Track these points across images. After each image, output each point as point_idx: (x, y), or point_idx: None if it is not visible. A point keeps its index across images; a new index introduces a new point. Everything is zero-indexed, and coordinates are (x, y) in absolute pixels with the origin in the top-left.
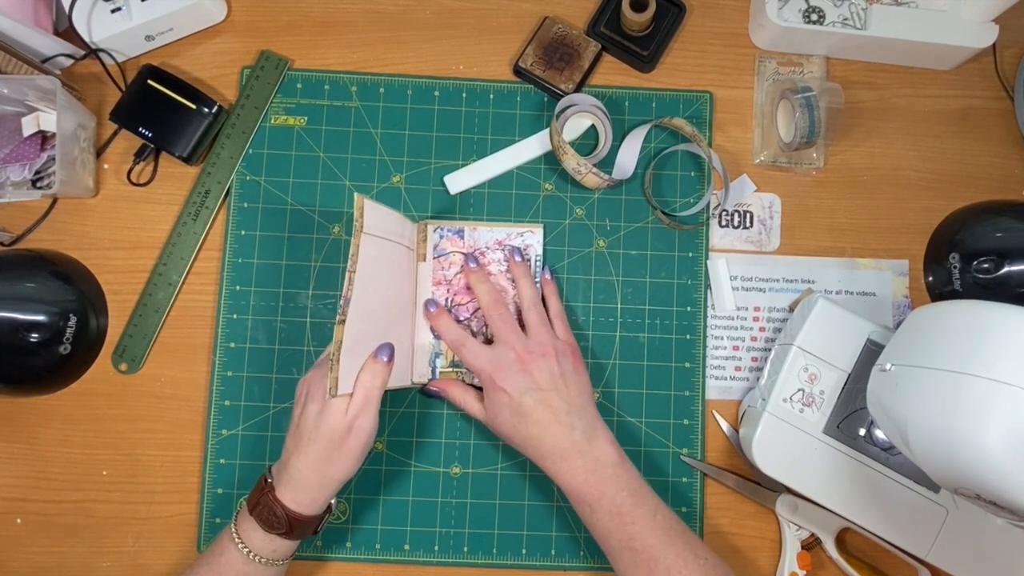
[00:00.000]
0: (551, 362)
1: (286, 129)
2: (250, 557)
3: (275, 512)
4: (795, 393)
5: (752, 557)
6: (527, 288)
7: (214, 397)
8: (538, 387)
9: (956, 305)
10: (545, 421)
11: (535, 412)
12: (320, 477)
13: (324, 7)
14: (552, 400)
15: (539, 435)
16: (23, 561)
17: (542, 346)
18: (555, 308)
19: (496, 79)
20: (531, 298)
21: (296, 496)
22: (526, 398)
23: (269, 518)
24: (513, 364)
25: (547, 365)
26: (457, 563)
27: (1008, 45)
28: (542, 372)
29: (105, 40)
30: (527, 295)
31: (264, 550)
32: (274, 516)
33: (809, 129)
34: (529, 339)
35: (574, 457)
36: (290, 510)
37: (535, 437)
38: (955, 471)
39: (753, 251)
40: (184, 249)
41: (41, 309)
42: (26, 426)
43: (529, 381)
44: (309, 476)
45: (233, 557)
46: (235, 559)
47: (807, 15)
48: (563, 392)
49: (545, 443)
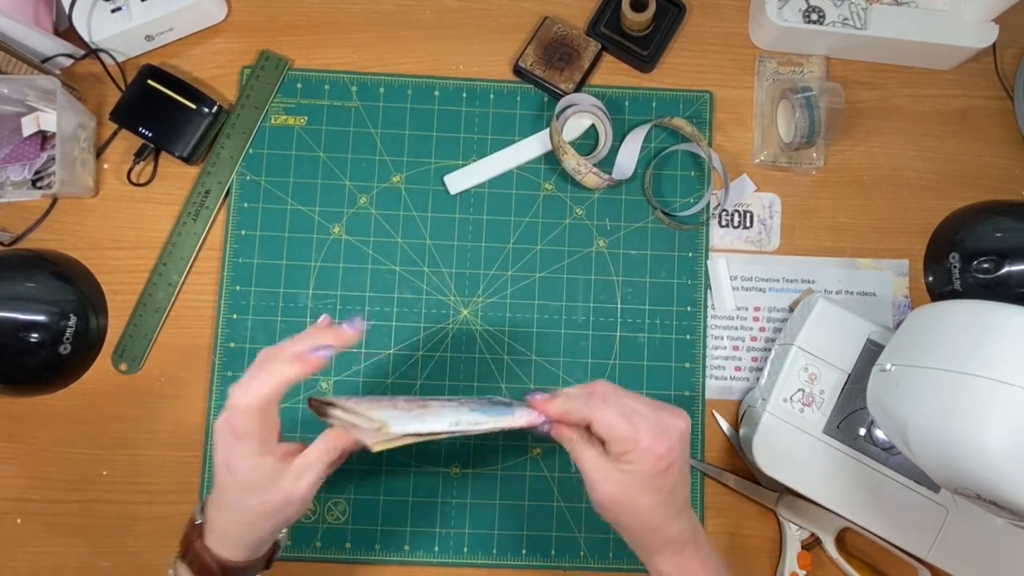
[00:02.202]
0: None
1: (286, 129)
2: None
3: (205, 562)
4: (795, 393)
5: (752, 557)
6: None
7: (214, 397)
8: (686, 458)
9: (956, 305)
10: (682, 500)
11: (680, 490)
12: (251, 535)
13: (324, 7)
14: (687, 476)
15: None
16: (23, 561)
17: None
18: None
19: (496, 79)
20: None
21: (226, 545)
22: (681, 474)
23: (201, 568)
24: (672, 431)
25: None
26: (457, 563)
27: (1008, 45)
28: (686, 437)
29: (105, 40)
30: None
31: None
32: (205, 566)
33: (809, 129)
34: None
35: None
36: (222, 559)
37: (669, 518)
38: (955, 471)
39: (753, 251)
40: (184, 249)
41: (41, 309)
42: (26, 426)
43: (684, 448)
44: (238, 533)
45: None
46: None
47: (807, 15)
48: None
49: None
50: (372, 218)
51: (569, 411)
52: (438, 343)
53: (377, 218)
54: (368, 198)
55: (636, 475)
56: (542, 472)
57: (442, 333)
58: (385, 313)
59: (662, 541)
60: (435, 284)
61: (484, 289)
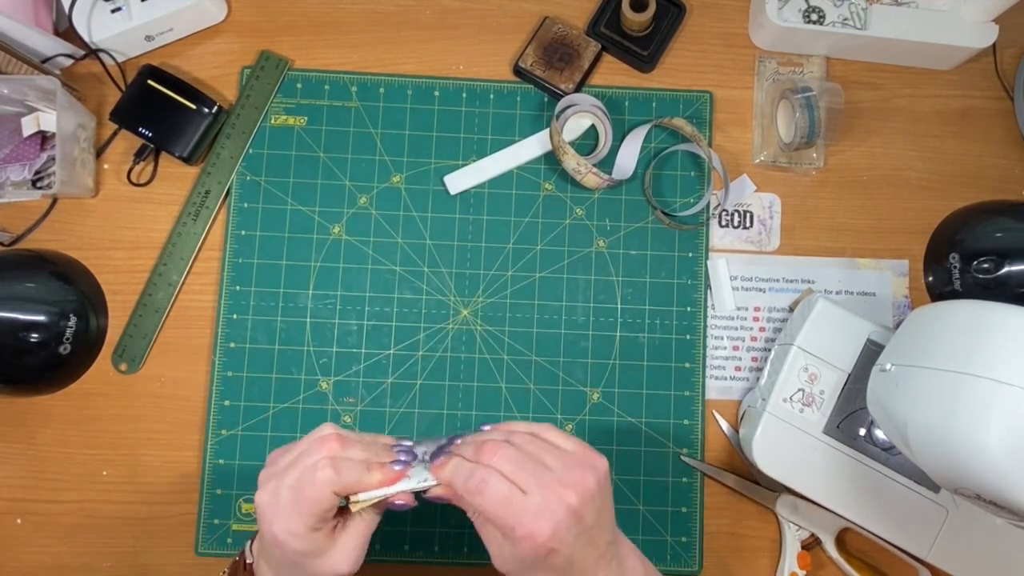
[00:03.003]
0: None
1: (286, 129)
2: None
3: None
4: (795, 393)
5: (752, 557)
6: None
7: (214, 397)
8: (584, 526)
9: (956, 305)
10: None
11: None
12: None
13: (324, 7)
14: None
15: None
16: (23, 561)
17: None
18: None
19: (496, 79)
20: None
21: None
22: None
23: None
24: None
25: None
26: (457, 563)
27: (1008, 45)
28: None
29: (105, 40)
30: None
31: None
32: None
33: (809, 129)
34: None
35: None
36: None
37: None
38: (955, 471)
39: (753, 251)
40: (184, 249)
41: (41, 309)
42: (26, 426)
43: (575, 523)
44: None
45: None
46: None
47: (807, 15)
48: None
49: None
50: (372, 218)
51: (453, 481)
52: (438, 343)
53: (377, 218)
54: (368, 198)
55: (522, 559)
56: None
57: (442, 333)
58: (385, 313)
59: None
60: (435, 284)
61: (484, 289)
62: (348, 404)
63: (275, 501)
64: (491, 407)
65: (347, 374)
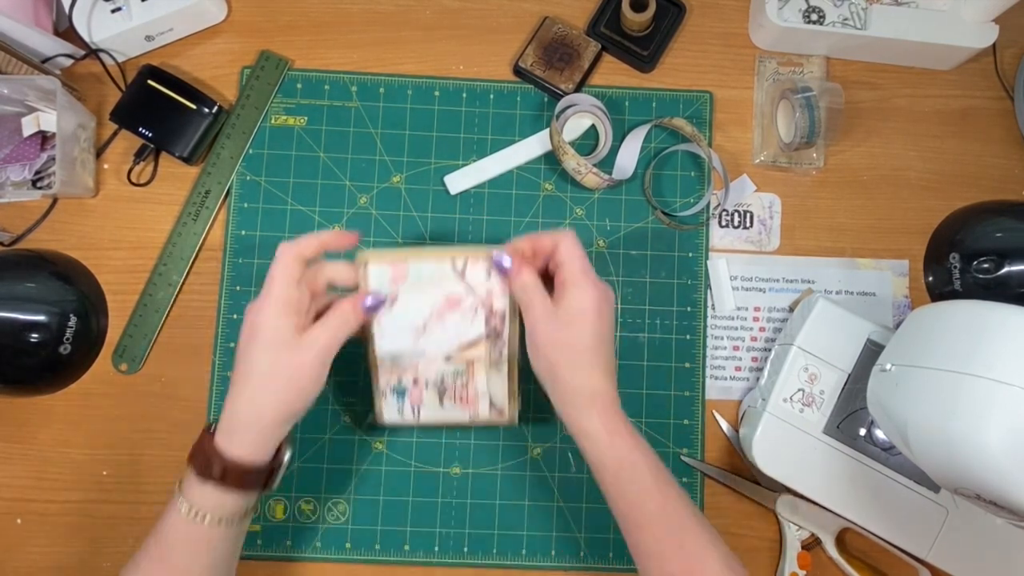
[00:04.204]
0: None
1: (286, 129)
2: (191, 515)
3: (208, 456)
4: (795, 393)
5: (752, 557)
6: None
7: (214, 397)
8: (611, 326)
9: (956, 305)
10: (603, 356)
11: (608, 339)
12: (258, 418)
13: (324, 7)
14: (612, 343)
15: (603, 352)
16: (23, 561)
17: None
18: None
19: (496, 79)
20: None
21: (230, 439)
22: (607, 318)
23: (202, 463)
24: (608, 290)
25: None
26: (457, 563)
27: (1008, 45)
28: (611, 314)
29: (105, 40)
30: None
31: (205, 505)
32: (207, 460)
33: (809, 129)
34: None
35: (617, 408)
36: (224, 456)
37: (600, 353)
38: (955, 471)
39: (753, 251)
40: (184, 249)
41: (41, 309)
42: (26, 426)
43: (611, 312)
44: (247, 418)
45: (175, 518)
46: (177, 520)
47: (807, 15)
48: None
49: (597, 367)
50: (372, 218)
51: (538, 240)
52: None
53: (377, 218)
54: (368, 198)
55: (576, 315)
56: (542, 472)
57: None
58: None
59: (591, 394)
60: None
61: None
62: (348, 403)
63: (254, 304)
64: None
65: (348, 374)
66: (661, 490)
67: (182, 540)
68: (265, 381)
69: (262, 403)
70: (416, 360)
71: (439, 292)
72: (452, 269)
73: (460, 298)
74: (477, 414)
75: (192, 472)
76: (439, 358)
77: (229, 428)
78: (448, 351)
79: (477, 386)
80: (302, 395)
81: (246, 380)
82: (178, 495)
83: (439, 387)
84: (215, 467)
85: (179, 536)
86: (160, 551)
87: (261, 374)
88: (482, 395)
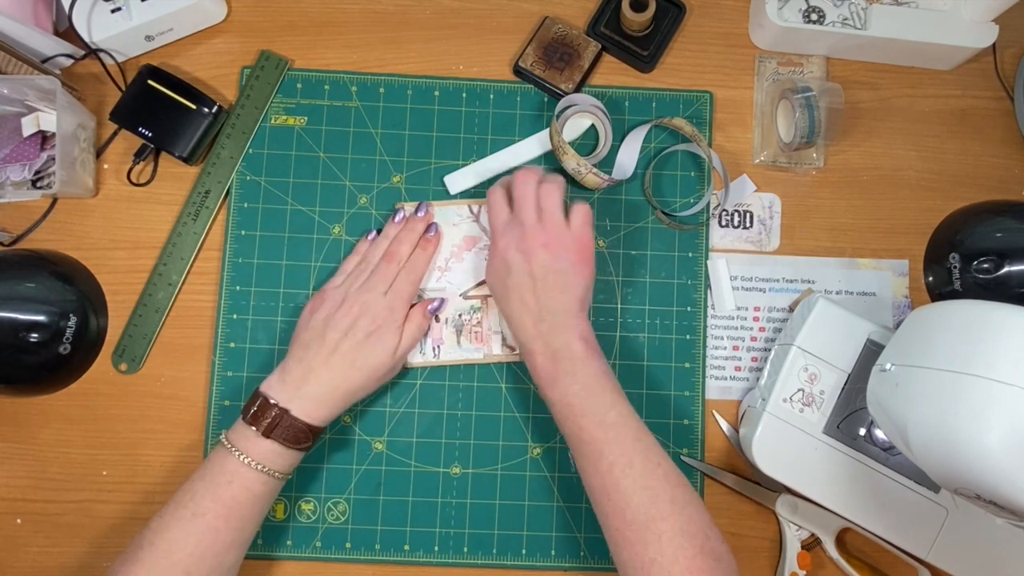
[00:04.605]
0: (551, 254)
1: (286, 129)
2: (272, 475)
3: (299, 429)
4: (795, 393)
5: (752, 557)
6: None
7: (214, 397)
8: (529, 274)
9: (956, 305)
10: (521, 304)
11: (516, 292)
12: (344, 397)
13: (324, 7)
14: (531, 293)
15: (514, 313)
16: (23, 561)
17: (548, 235)
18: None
19: (496, 79)
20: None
21: (319, 412)
22: (513, 278)
23: (296, 435)
24: (518, 240)
25: (546, 256)
26: (457, 563)
27: (1008, 45)
28: (538, 261)
29: (105, 40)
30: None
31: (284, 466)
32: (300, 433)
33: (809, 129)
34: (543, 222)
35: (536, 342)
36: (312, 425)
37: (512, 314)
38: (955, 471)
39: (753, 251)
40: (184, 249)
41: (41, 309)
42: (26, 426)
43: (523, 264)
44: (335, 395)
45: (249, 480)
46: (252, 481)
47: (807, 15)
48: (546, 289)
49: (513, 321)
50: (372, 218)
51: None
52: None
53: (377, 218)
54: (368, 198)
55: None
56: (542, 472)
57: None
58: None
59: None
60: None
61: None
62: None
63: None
64: (491, 407)
65: None
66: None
67: (240, 489)
68: (356, 373)
69: (347, 381)
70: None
71: (458, 233)
72: (469, 212)
73: (476, 239)
74: (491, 350)
75: (278, 443)
76: (456, 295)
77: (319, 403)
78: (465, 288)
79: (491, 323)
80: (381, 382)
81: (340, 358)
82: (253, 464)
83: (457, 325)
84: (307, 436)
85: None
86: (216, 507)
87: (358, 367)
88: (495, 333)
